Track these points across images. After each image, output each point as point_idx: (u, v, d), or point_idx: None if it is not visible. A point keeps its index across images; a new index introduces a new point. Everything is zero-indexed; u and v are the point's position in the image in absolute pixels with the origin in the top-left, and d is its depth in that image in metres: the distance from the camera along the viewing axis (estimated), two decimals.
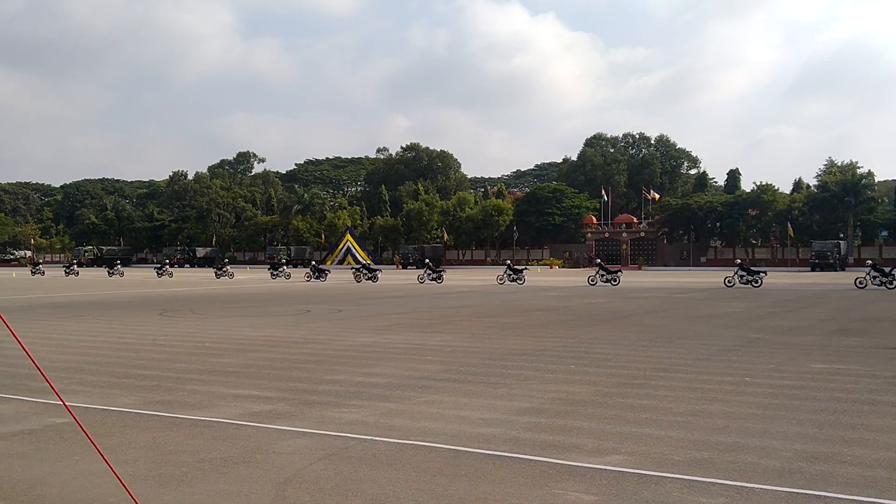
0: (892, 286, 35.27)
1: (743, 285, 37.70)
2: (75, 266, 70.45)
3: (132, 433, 7.68)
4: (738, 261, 42.14)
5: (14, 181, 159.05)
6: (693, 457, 6.67)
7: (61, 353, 13.71)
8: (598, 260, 47.01)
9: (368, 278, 48.40)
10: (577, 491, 5.79)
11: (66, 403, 4.98)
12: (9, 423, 8.15)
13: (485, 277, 53.35)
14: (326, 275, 50.85)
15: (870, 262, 40.19)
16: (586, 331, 17.39)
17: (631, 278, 44.63)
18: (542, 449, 6.96)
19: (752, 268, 39.66)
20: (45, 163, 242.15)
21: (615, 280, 41.08)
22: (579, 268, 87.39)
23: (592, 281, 41.88)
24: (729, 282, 38.52)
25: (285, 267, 58.17)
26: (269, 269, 57.80)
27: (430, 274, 45.48)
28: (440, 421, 8.13)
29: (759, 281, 37.58)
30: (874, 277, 36.44)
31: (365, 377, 11.01)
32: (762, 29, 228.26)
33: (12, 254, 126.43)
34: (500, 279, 44.17)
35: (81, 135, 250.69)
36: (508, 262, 49.86)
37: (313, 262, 59.42)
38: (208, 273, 63.89)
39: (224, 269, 58.36)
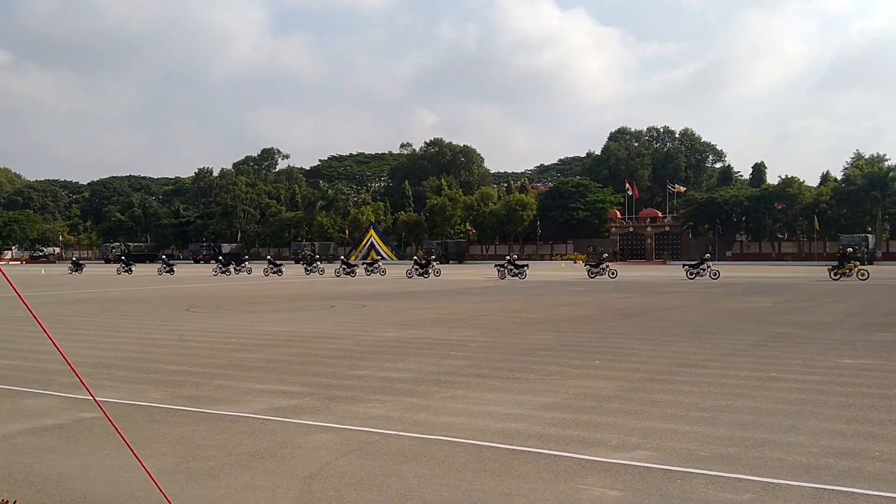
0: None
1: (512, 277, 41.79)
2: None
3: (160, 428, 7.77)
4: (508, 256, 46.03)
5: (42, 178, 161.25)
6: (719, 452, 6.64)
7: (89, 349, 13.88)
8: (509, 256, 48.66)
9: (275, 272, 50.15)
10: (602, 486, 5.79)
11: (96, 398, 5.05)
12: (39, 418, 8.27)
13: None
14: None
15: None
16: (610, 326, 17.33)
17: (536, 272, 44.71)
18: (566, 444, 6.96)
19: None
20: (74, 160, 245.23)
21: (522, 275, 42.57)
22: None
23: (502, 276, 43.42)
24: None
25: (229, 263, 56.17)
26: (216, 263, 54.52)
27: (510, 270, 43.63)
28: (464, 416, 8.14)
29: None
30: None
31: (389, 372, 11.05)
32: (795, 19, 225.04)
33: (41, 250, 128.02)
34: (409, 273, 46.44)
35: (111, 132, 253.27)
36: (416, 257, 52.38)
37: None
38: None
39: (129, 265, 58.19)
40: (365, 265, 49.62)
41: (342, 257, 58.51)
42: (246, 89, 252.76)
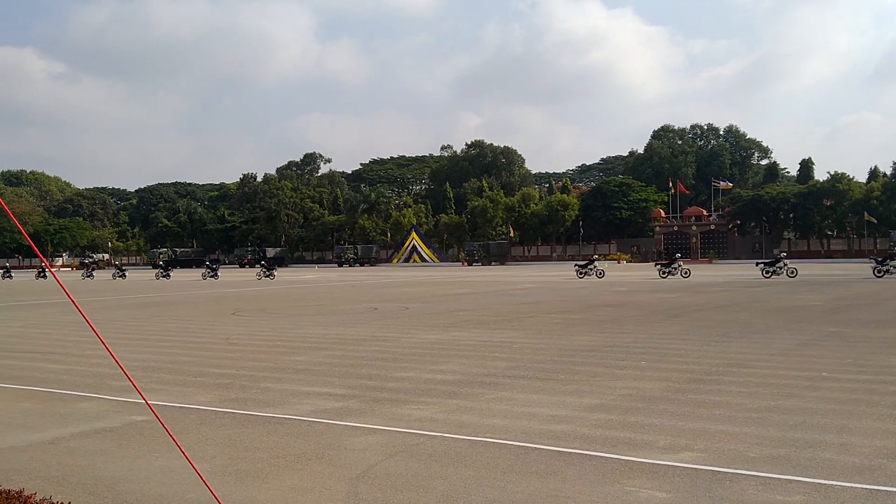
0: (687, 276, 41.00)
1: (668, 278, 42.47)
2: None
3: (209, 430, 7.89)
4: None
5: (91, 186, 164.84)
6: (769, 453, 6.53)
7: (140, 353, 14.13)
8: (677, 255, 47.60)
9: (267, 275, 50.97)
10: (650, 488, 5.73)
11: (148, 401, 5.15)
12: (92, 421, 8.45)
13: (551, 273, 53.05)
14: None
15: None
16: (656, 326, 17.15)
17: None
18: (612, 446, 6.91)
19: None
20: (122, 168, 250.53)
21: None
22: (648, 262, 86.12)
23: (663, 275, 42.79)
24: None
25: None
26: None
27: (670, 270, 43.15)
28: (509, 418, 8.13)
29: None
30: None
31: (433, 374, 11.08)
32: (848, 12, 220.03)
33: (91, 257, 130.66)
34: (258, 276, 49.54)
35: (159, 140, 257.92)
36: (262, 262, 54.50)
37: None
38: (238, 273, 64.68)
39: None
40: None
41: (262, 262, 57.69)
42: (292, 95, 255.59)
